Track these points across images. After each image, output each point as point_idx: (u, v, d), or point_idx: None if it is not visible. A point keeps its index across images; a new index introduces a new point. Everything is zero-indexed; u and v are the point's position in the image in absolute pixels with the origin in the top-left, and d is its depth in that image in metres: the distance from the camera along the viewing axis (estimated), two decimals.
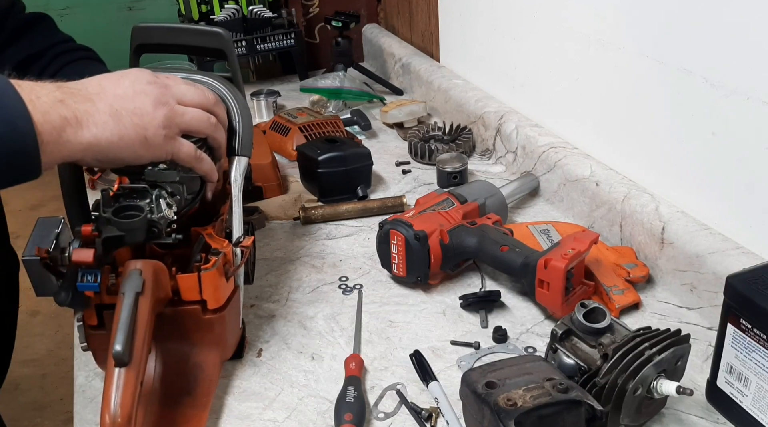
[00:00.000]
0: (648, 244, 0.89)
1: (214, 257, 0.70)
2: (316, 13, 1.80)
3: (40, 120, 0.58)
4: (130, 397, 0.58)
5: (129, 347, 0.59)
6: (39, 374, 2.21)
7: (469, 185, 1.02)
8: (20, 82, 0.60)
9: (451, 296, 0.89)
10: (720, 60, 0.78)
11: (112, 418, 0.57)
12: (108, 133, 0.63)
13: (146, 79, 0.68)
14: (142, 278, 0.63)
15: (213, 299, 0.71)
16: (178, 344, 0.72)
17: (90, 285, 0.63)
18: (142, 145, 0.66)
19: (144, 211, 0.66)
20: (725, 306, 0.65)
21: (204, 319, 0.71)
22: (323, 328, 0.84)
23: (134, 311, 0.61)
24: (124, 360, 0.58)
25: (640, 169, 0.96)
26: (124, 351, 0.58)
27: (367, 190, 1.14)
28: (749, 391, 0.64)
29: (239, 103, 0.80)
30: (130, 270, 0.64)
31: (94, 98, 0.64)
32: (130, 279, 0.63)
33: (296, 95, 1.60)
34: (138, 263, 0.65)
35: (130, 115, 0.65)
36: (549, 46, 1.10)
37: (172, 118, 0.68)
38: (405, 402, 0.72)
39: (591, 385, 0.63)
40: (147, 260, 0.66)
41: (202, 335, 0.72)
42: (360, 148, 1.15)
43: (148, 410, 0.68)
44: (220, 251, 0.71)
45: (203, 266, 0.69)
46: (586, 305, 0.69)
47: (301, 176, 1.19)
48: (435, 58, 1.55)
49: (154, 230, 0.67)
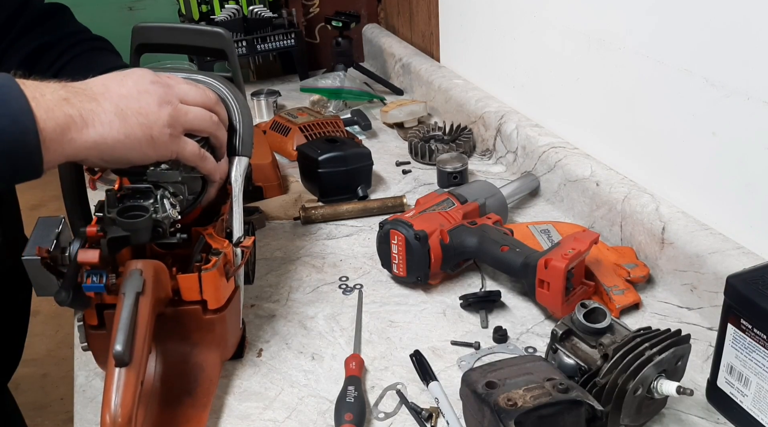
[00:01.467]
0: (648, 244, 0.89)
1: (214, 257, 0.70)
2: (317, 13, 1.80)
3: (44, 117, 0.58)
4: (130, 397, 0.58)
5: (129, 347, 0.59)
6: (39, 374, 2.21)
7: (469, 185, 1.02)
8: (25, 81, 0.60)
9: (452, 296, 0.89)
10: (720, 60, 0.78)
11: (112, 418, 0.57)
12: (114, 132, 0.63)
13: (149, 79, 0.68)
14: (143, 277, 0.63)
15: (213, 299, 0.71)
16: (179, 344, 0.72)
17: (96, 286, 0.63)
18: (148, 144, 0.66)
19: (149, 211, 0.66)
20: (725, 306, 0.65)
21: (204, 319, 0.71)
22: (323, 328, 0.84)
23: (135, 311, 0.61)
24: (124, 360, 0.58)
25: (641, 170, 0.95)
26: (125, 351, 0.58)
27: (367, 190, 1.14)
28: (749, 391, 0.64)
29: (239, 102, 0.80)
30: (130, 270, 0.64)
31: (99, 98, 0.64)
32: (131, 279, 0.63)
33: (296, 95, 1.60)
34: (139, 263, 0.65)
35: (135, 114, 0.65)
36: (549, 46, 1.10)
37: (176, 117, 0.68)
38: (405, 402, 0.72)
39: (591, 385, 0.63)
40: (148, 260, 0.66)
41: (202, 335, 0.72)
42: (360, 148, 1.15)
43: (149, 410, 0.68)
44: (221, 251, 0.71)
45: (204, 266, 0.69)
46: (587, 305, 0.69)
47: (301, 176, 1.19)
48: (435, 58, 1.55)
49: (159, 230, 0.67)
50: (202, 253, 0.72)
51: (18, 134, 0.57)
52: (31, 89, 0.59)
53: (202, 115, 0.72)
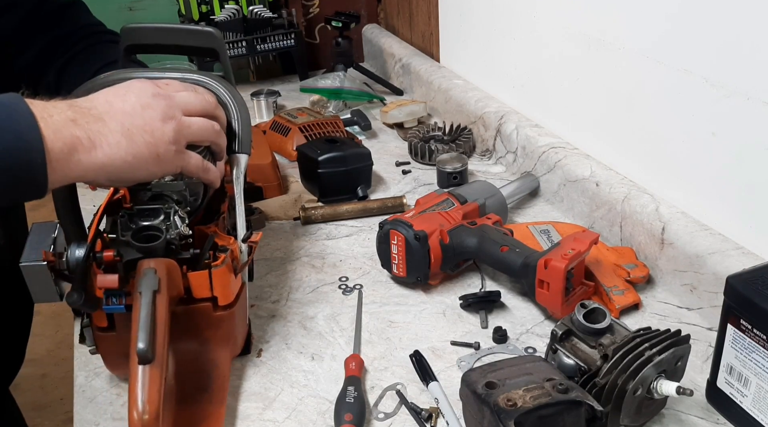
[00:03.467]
0: (648, 244, 0.89)
1: (222, 254, 0.71)
2: (316, 13, 1.80)
3: (51, 137, 0.58)
4: (156, 393, 0.59)
5: (152, 345, 0.59)
6: (39, 374, 2.21)
7: (469, 185, 1.02)
8: (33, 101, 0.60)
9: (451, 297, 0.89)
10: (720, 60, 0.78)
11: (140, 415, 0.58)
12: (122, 153, 0.63)
13: (150, 92, 0.68)
14: (158, 276, 0.64)
15: (223, 295, 0.71)
16: (191, 342, 0.73)
17: (117, 307, 0.65)
18: (154, 162, 0.66)
19: (162, 232, 0.67)
20: (725, 307, 0.65)
21: (215, 315, 0.72)
22: (323, 328, 0.84)
23: (153, 309, 0.62)
24: (148, 357, 0.59)
25: (641, 170, 0.95)
26: (148, 348, 0.58)
27: (367, 191, 1.14)
28: (749, 391, 0.64)
29: (237, 101, 0.80)
30: (144, 269, 0.64)
31: (105, 117, 0.63)
32: (146, 278, 0.63)
33: (296, 95, 1.60)
34: (152, 261, 0.65)
35: (141, 132, 0.64)
36: (549, 46, 1.10)
37: (180, 131, 0.68)
38: (405, 402, 0.72)
39: (591, 385, 0.63)
40: (160, 259, 0.66)
41: (213, 331, 0.73)
42: (360, 148, 1.15)
43: (167, 409, 0.68)
44: (228, 248, 0.72)
45: (213, 263, 0.70)
46: (586, 306, 0.69)
47: (301, 176, 1.19)
48: (435, 58, 1.55)
49: (172, 247, 0.68)
50: (210, 251, 0.72)
51: (24, 152, 0.56)
52: (39, 109, 0.59)
53: (204, 127, 0.71)
